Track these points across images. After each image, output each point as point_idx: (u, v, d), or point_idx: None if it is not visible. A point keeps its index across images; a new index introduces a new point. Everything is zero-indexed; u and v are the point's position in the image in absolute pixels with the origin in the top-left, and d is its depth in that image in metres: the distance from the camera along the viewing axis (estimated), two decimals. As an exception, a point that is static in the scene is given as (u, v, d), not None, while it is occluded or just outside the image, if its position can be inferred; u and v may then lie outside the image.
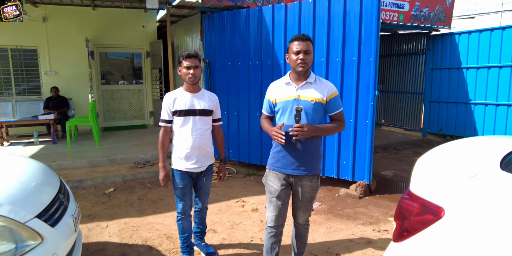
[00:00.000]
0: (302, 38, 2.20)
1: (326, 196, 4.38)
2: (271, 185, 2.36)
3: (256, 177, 5.11)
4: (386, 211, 3.92)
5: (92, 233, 3.30)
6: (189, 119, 2.57)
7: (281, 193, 2.32)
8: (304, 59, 2.18)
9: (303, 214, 2.41)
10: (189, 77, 2.54)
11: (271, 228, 2.40)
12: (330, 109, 2.31)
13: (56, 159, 5.25)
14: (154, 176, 5.06)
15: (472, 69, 7.35)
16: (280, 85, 2.36)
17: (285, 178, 2.32)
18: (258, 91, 5.10)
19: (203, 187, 2.75)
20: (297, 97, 2.25)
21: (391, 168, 5.79)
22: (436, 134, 8.27)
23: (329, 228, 3.47)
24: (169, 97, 2.60)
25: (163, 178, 2.64)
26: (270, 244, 2.43)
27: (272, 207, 2.36)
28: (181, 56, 2.53)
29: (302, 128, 2.12)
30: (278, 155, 2.33)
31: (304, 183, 2.31)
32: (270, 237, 2.42)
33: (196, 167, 2.62)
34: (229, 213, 3.77)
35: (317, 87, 2.27)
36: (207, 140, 2.66)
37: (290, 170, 2.28)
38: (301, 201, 2.34)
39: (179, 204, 2.68)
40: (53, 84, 7.43)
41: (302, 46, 2.18)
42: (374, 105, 4.19)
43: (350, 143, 4.39)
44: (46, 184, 2.19)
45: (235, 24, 5.22)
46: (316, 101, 2.24)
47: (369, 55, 4.14)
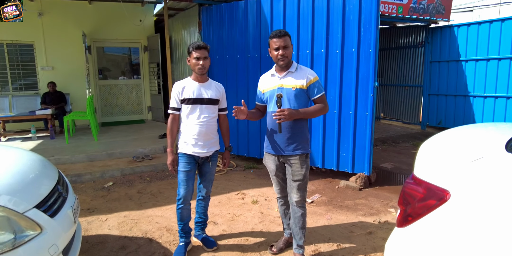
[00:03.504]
0: (279, 35, 2.41)
1: (326, 188, 4.37)
2: (268, 166, 2.71)
3: (256, 170, 5.10)
4: (386, 203, 3.92)
5: (91, 226, 3.28)
6: (196, 107, 2.67)
7: (277, 172, 2.67)
8: (283, 54, 2.42)
9: (296, 193, 2.57)
10: (198, 68, 2.63)
11: (279, 198, 2.84)
12: (311, 93, 2.52)
13: (54, 154, 5.22)
14: (153, 170, 5.04)
15: (471, 62, 7.33)
16: (267, 77, 2.65)
17: (277, 159, 2.61)
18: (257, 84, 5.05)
19: (207, 173, 2.81)
20: (280, 86, 2.51)
21: (390, 160, 5.79)
22: (435, 127, 8.27)
23: (329, 219, 3.46)
24: (178, 86, 2.69)
25: (171, 162, 2.71)
26: (282, 210, 2.86)
27: (275, 183, 2.76)
28: (191, 47, 2.62)
29: (283, 112, 2.34)
30: (269, 139, 2.62)
31: (292, 162, 2.53)
32: (281, 205, 2.85)
33: (203, 152, 2.71)
34: (229, 206, 3.75)
35: (297, 75, 2.50)
36: (213, 128, 2.76)
37: (279, 150, 2.55)
38: (293, 180, 2.55)
39: (181, 189, 2.71)
40: (50, 79, 7.37)
41: (280, 43, 2.40)
42: (374, 96, 4.17)
43: (350, 135, 4.37)
44: (44, 175, 2.16)
45: (234, 16, 5.17)
46: (297, 88, 2.48)
47: (369, 46, 4.11)
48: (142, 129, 7.50)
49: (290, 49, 2.45)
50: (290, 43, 2.46)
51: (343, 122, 4.42)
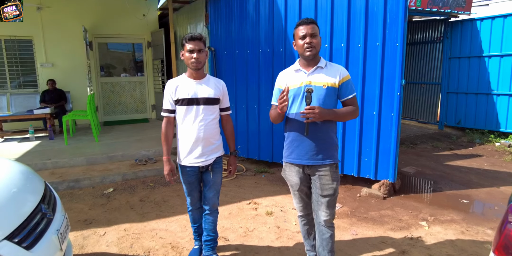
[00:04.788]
0: (306, 22, 2.10)
1: (347, 196, 3.98)
2: (290, 179, 2.30)
3: (267, 175, 4.71)
4: (415, 214, 3.52)
5: (87, 242, 2.92)
6: (192, 109, 2.34)
7: (301, 186, 2.27)
8: (311, 42, 2.08)
9: (325, 212, 2.21)
10: (192, 62, 2.29)
11: (301, 217, 2.43)
12: (343, 94, 2.18)
13: (51, 157, 4.87)
14: (157, 174, 4.68)
15: (495, 58, 6.88)
16: (290, 73, 2.26)
17: (302, 171, 2.23)
18: (269, 81, 4.67)
19: (210, 182, 2.47)
20: (308, 83, 2.14)
21: (411, 164, 5.37)
22: (453, 127, 7.83)
23: (355, 234, 3.07)
24: (171, 85, 2.37)
25: (168, 172, 2.41)
26: (305, 230, 2.46)
27: (297, 199, 2.35)
28: (184, 39, 2.29)
29: (313, 110, 2.00)
30: (292, 146, 2.23)
31: (321, 174, 2.18)
32: (304, 224, 2.45)
33: (202, 161, 2.40)
34: (241, 218, 3.38)
35: (328, 72, 2.17)
36: (213, 132, 2.42)
37: (305, 159, 2.17)
38: (322, 195, 2.18)
39: (188, 198, 2.57)
40: (49, 77, 7.03)
41: (308, 30, 2.08)
42: (401, 95, 3.76)
43: (373, 138, 3.97)
44: (25, 192, 1.79)
45: (244, 8, 4.77)
46: (328, 86, 2.13)
47: (395, 40, 3.69)
48: (146, 128, 7.14)
49: (318, 39, 2.11)
50: (319, 33, 2.12)
51: (365, 124, 4.01)
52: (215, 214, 2.57)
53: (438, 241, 2.94)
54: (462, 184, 4.42)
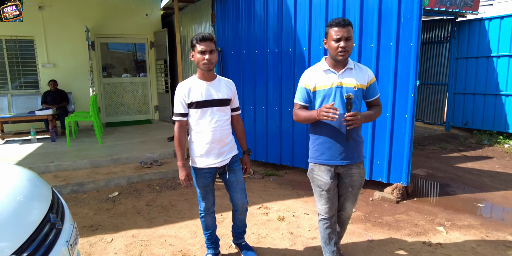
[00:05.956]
0: (343, 24, 2.06)
1: (359, 200, 3.87)
2: (319, 179, 2.30)
3: (276, 178, 4.60)
4: (431, 219, 3.41)
5: (94, 249, 2.81)
6: (207, 111, 2.31)
7: (331, 186, 2.28)
8: (345, 47, 2.07)
9: (352, 204, 2.41)
10: (204, 63, 2.24)
11: (325, 219, 2.37)
12: (370, 95, 2.26)
13: (54, 159, 4.76)
14: (163, 177, 4.56)
15: (504, 58, 6.77)
16: (318, 72, 2.24)
17: (334, 170, 2.27)
18: (277, 82, 4.56)
19: (234, 182, 2.47)
20: (339, 85, 2.17)
21: (421, 166, 5.27)
22: (460, 128, 7.72)
23: (371, 241, 2.96)
24: (182, 88, 2.31)
25: (185, 178, 2.37)
26: (327, 234, 2.40)
27: (323, 200, 2.33)
28: (195, 39, 2.23)
29: (356, 117, 2.04)
30: (322, 147, 2.25)
31: (353, 172, 2.28)
32: (326, 228, 2.38)
33: (219, 161, 2.39)
34: (253, 223, 3.26)
35: (357, 73, 2.20)
36: (227, 132, 2.42)
37: (339, 160, 2.23)
38: (351, 191, 2.33)
39: (202, 203, 2.50)
40: (51, 77, 6.91)
41: (343, 33, 2.05)
42: (415, 97, 3.65)
43: (386, 141, 3.86)
44: (32, 202, 1.68)
45: (251, 7, 4.66)
46: (358, 88, 2.18)
47: (410, 40, 3.58)
48: (149, 130, 7.03)
49: (352, 42, 2.12)
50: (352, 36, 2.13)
51: (378, 126, 3.91)
52: (245, 213, 2.62)
53: (458, 248, 2.83)
54: (475, 187, 4.31)
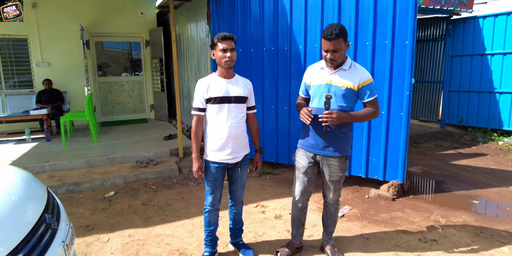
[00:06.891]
0: (330, 38, 2.16)
1: (355, 198, 3.89)
2: (299, 162, 2.49)
3: (272, 177, 4.61)
4: (426, 216, 3.43)
5: (91, 249, 2.80)
6: (224, 107, 2.40)
7: (307, 170, 2.45)
8: (331, 58, 2.23)
9: (332, 194, 2.52)
10: (225, 61, 2.33)
11: (297, 203, 2.57)
12: (362, 96, 2.33)
13: (49, 159, 4.73)
14: (159, 176, 4.55)
15: (498, 55, 6.82)
16: (315, 69, 2.45)
17: (313, 157, 2.44)
18: (273, 80, 4.56)
19: (238, 179, 2.56)
20: (329, 82, 2.32)
21: (417, 163, 5.30)
22: (455, 125, 7.78)
23: (367, 238, 2.98)
24: (202, 84, 2.42)
25: (197, 170, 2.44)
26: (296, 216, 2.63)
27: (298, 183, 2.51)
28: (217, 38, 2.34)
29: (331, 115, 2.18)
30: (306, 135, 2.45)
31: (331, 163, 2.40)
32: (299, 210, 2.60)
33: (231, 158, 2.45)
34: (250, 222, 3.27)
35: (349, 74, 2.30)
36: (243, 129, 2.49)
37: (317, 150, 2.40)
38: (330, 181, 2.45)
39: (209, 197, 2.53)
40: (45, 77, 6.86)
41: (329, 46, 2.19)
42: (410, 94, 3.67)
43: (381, 139, 3.88)
44: (27, 202, 1.67)
45: (247, 6, 4.65)
46: (347, 87, 2.28)
47: (405, 38, 3.59)
48: (145, 129, 7.00)
49: (341, 52, 2.22)
50: (343, 45, 2.21)
51: (373, 124, 3.92)
52: (240, 205, 2.70)
53: (453, 244, 2.86)
54: (470, 184, 4.34)
